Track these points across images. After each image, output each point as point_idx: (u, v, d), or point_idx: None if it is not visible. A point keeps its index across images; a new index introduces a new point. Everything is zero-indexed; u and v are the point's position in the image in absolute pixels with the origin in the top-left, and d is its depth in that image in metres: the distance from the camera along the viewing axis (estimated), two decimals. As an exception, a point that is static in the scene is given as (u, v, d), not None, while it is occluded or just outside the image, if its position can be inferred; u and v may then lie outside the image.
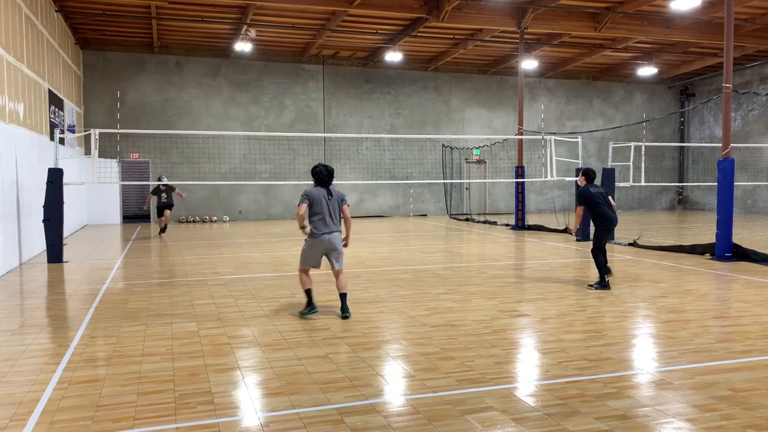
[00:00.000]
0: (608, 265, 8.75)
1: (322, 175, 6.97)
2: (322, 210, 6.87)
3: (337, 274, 7.04)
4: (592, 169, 9.08)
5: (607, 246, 13.80)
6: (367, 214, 24.69)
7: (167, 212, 16.77)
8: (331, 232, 6.91)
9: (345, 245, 7.11)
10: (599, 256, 8.52)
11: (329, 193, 6.93)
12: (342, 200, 7.04)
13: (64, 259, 11.52)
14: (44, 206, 11.33)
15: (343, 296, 7.00)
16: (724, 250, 11.25)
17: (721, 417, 3.91)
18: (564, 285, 8.89)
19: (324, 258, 7.01)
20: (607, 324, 6.48)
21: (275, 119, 23.58)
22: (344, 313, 6.92)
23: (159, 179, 17.14)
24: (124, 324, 6.55)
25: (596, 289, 8.38)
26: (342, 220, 7.08)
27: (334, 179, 7.09)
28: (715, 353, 5.35)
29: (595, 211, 8.60)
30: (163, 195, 16.65)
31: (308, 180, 7.74)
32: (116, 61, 21.78)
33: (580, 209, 8.89)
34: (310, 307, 6.92)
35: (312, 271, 7.08)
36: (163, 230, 16.89)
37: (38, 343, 5.89)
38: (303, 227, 7.00)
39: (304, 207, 6.87)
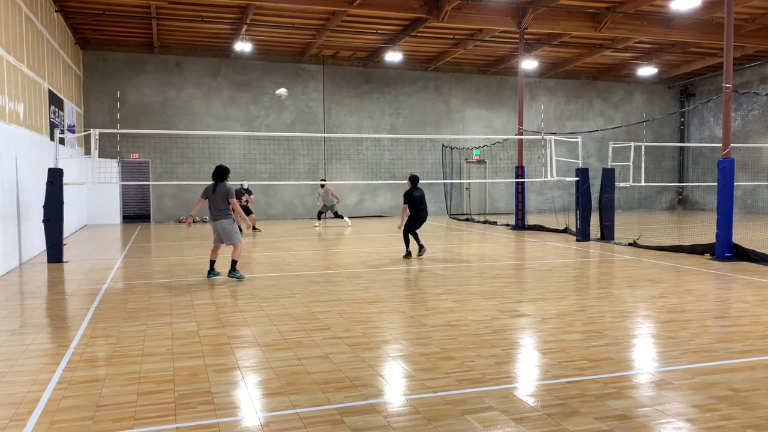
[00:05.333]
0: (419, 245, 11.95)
1: (213, 173, 9.38)
2: (209, 202, 9.26)
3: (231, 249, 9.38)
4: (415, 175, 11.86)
5: (607, 245, 14.00)
6: (367, 214, 24.68)
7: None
8: (215, 220, 9.26)
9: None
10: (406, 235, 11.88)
11: (214, 189, 9.22)
12: (226, 194, 9.17)
13: (64, 259, 11.52)
14: (44, 206, 11.33)
15: (232, 262, 9.33)
16: (724, 250, 11.25)
17: (721, 417, 3.91)
18: (564, 285, 8.90)
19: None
20: (607, 324, 6.48)
21: (275, 119, 23.57)
22: (229, 273, 9.30)
23: (242, 186, 17.53)
24: (124, 324, 6.55)
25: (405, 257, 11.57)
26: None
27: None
28: (715, 353, 5.35)
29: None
30: (243, 198, 17.36)
31: (308, 180, 7.98)
32: (116, 61, 21.77)
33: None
34: (211, 271, 9.44)
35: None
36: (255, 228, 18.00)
37: (38, 343, 5.89)
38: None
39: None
